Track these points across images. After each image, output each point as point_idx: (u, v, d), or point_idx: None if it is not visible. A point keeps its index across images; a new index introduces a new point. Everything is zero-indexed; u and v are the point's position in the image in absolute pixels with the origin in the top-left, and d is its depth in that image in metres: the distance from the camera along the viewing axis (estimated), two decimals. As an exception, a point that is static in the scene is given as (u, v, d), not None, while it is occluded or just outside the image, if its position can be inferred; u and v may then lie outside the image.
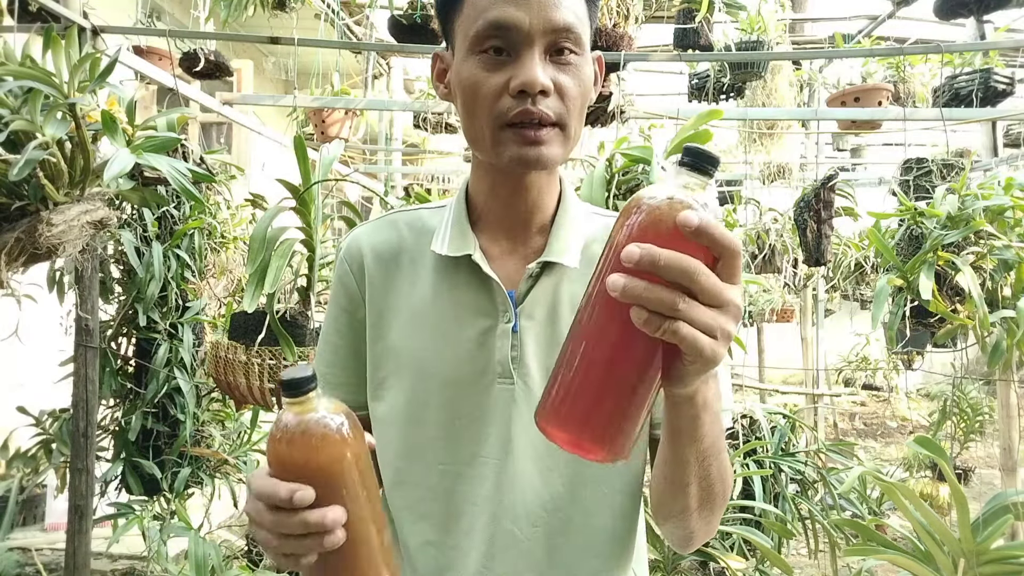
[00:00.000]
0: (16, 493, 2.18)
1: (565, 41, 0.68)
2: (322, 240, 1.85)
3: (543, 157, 0.69)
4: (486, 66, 0.68)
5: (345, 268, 0.82)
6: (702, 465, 0.64)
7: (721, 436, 0.64)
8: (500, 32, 0.67)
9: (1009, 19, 3.40)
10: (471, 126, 0.71)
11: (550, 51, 0.68)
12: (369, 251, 0.81)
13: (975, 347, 2.11)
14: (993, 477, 4.60)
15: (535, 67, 0.66)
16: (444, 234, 0.77)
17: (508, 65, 0.67)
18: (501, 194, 0.77)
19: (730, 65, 3.32)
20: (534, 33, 0.66)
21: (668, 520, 0.72)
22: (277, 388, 1.71)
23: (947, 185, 2.17)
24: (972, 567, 1.35)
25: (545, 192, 0.78)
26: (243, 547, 2.56)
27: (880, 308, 1.96)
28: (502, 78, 0.67)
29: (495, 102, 0.68)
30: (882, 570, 3.01)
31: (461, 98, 0.71)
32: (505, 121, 0.68)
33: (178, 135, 1.69)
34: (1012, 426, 2.31)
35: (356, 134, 4.10)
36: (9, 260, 1.35)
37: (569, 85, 0.68)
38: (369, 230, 0.83)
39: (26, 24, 1.86)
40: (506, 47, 0.67)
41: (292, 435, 0.54)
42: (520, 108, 0.66)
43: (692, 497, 0.66)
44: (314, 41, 2.68)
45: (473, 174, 0.80)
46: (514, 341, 0.74)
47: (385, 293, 0.80)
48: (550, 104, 0.67)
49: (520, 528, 0.73)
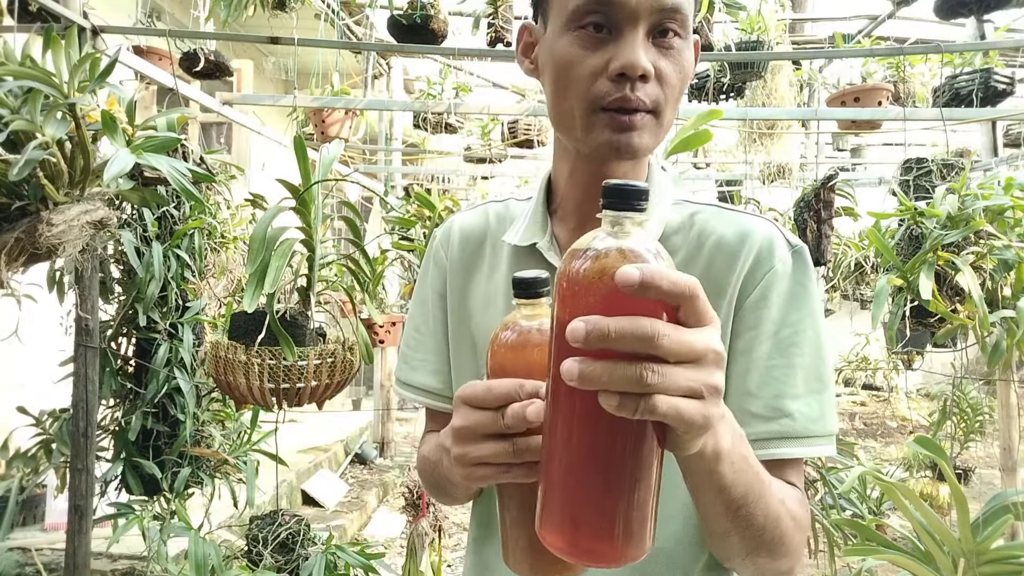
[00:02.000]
0: (16, 493, 2.18)
1: (671, 22, 0.62)
2: (322, 240, 1.85)
3: (634, 145, 0.63)
4: (584, 44, 0.63)
5: (440, 253, 0.82)
6: (738, 515, 0.56)
7: (757, 480, 0.55)
8: (603, 7, 0.61)
9: (1009, 19, 3.40)
10: (560, 107, 0.66)
11: (653, 32, 0.62)
12: (459, 235, 0.81)
13: (975, 347, 2.11)
14: (993, 477, 4.60)
15: (638, 49, 0.61)
16: (520, 223, 0.76)
17: (608, 44, 0.62)
18: (580, 180, 0.72)
19: (730, 65, 3.32)
20: (640, 11, 0.61)
21: (726, 562, 0.65)
22: (278, 389, 1.71)
23: (947, 185, 2.16)
24: (972, 567, 1.35)
25: (631, 177, 0.71)
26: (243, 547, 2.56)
27: (880, 308, 1.96)
28: (601, 59, 0.62)
29: (591, 84, 0.63)
30: (882, 570, 3.01)
31: (551, 76, 0.66)
32: (600, 105, 0.63)
33: (178, 135, 1.69)
34: (1012, 426, 2.31)
35: (356, 134, 4.10)
36: (9, 260, 1.35)
37: (670, 72, 0.63)
38: (463, 216, 0.83)
39: (26, 24, 1.86)
40: (607, 24, 0.62)
41: (527, 338, 0.49)
42: (618, 94, 0.61)
43: (734, 546, 0.59)
44: (314, 41, 2.68)
45: (555, 159, 0.76)
46: None
47: (467, 278, 0.80)
48: (649, 91, 0.62)
49: None
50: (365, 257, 1.87)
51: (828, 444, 0.67)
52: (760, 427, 0.65)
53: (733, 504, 0.54)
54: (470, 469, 0.52)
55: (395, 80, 6.06)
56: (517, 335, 0.50)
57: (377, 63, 5.53)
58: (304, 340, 1.73)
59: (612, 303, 0.40)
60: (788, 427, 0.65)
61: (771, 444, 0.65)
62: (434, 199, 2.71)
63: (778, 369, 0.66)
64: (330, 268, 2.09)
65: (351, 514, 4.11)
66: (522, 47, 0.73)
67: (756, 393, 0.66)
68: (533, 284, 0.50)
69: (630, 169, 0.72)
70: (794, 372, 0.66)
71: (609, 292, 0.40)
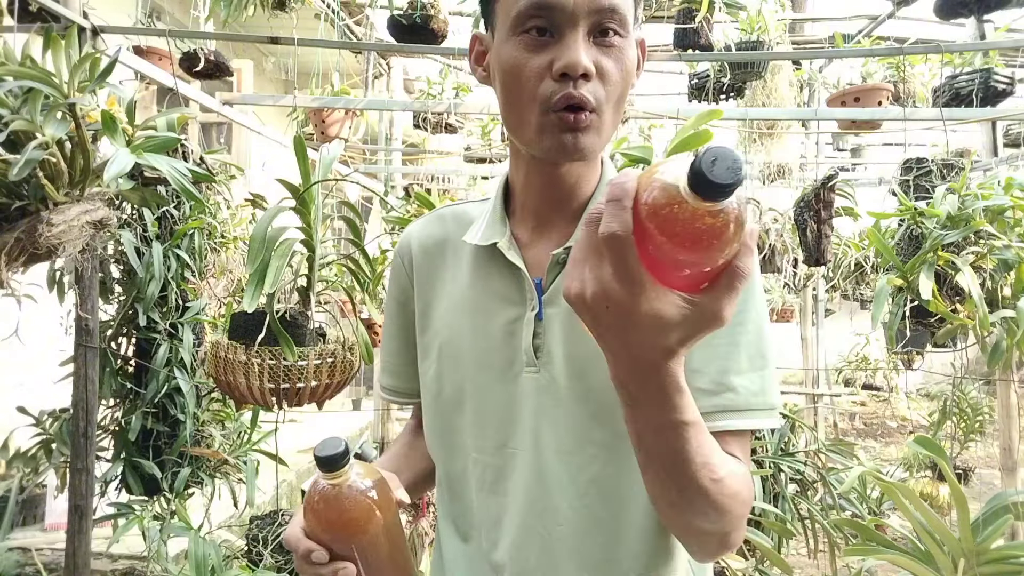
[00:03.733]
0: (16, 493, 2.18)
1: (610, 22, 0.65)
2: (322, 240, 1.85)
3: (581, 145, 0.66)
4: (528, 47, 0.66)
5: (398, 262, 0.87)
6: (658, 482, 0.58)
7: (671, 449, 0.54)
8: (543, 11, 0.65)
9: (1009, 19, 3.39)
10: (511, 111, 0.69)
11: (594, 32, 0.66)
12: (417, 245, 0.84)
13: (975, 347, 2.11)
14: (993, 477, 4.60)
15: (579, 49, 0.64)
16: (480, 225, 0.79)
17: (551, 46, 0.65)
18: (535, 183, 0.75)
19: (730, 65, 3.32)
20: (578, 13, 0.64)
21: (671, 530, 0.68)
22: (278, 389, 1.71)
23: (947, 185, 2.16)
24: (972, 567, 1.35)
25: (584, 180, 0.76)
26: (243, 547, 2.56)
27: (880, 308, 1.96)
28: (544, 59, 0.65)
29: (537, 85, 0.66)
30: (882, 570, 3.01)
31: (501, 81, 0.69)
32: (548, 107, 0.65)
33: (178, 135, 1.69)
34: (1012, 426, 2.31)
35: (356, 134, 4.10)
36: (9, 260, 1.35)
37: (611, 69, 0.66)
38: (418, 226, 0.87)
39: (26, 24, 1.86)
40: (549, 27, 0.65)
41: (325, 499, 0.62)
42: (563, 92, 0.64)
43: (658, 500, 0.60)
44: (314, 41, 2.67)
45: (511, 163, 0.79)
46: (538, 329, 0.73)
47: (431, 284, 0.82)
48: (591, 88, 0.65)
49: (545, 524, 0.72)
50: (365, 257, 1.87)
51: (770, 417, 0.70)
52: (705, 401, 0.67)
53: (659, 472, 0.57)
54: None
55: (395, 80, 6.06)
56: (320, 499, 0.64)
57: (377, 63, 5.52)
58: (304, 340, 1.73)
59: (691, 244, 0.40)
60: (731, 401, 0.68)
61: (716, 417, 0.67)
62: (434, 199, 2.70)
63: (723, 347, 0.69)
64: (330, 268, 2.09)
65: (351, 514, 4.10)
66: (474, 56, 0.76)
67: (702, 369, 0.69)
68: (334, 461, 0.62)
69: (584, 170, 0.75)
70: (738, 350, 0.69)
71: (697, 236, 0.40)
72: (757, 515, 1.95)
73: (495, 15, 0.70)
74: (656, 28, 3.75)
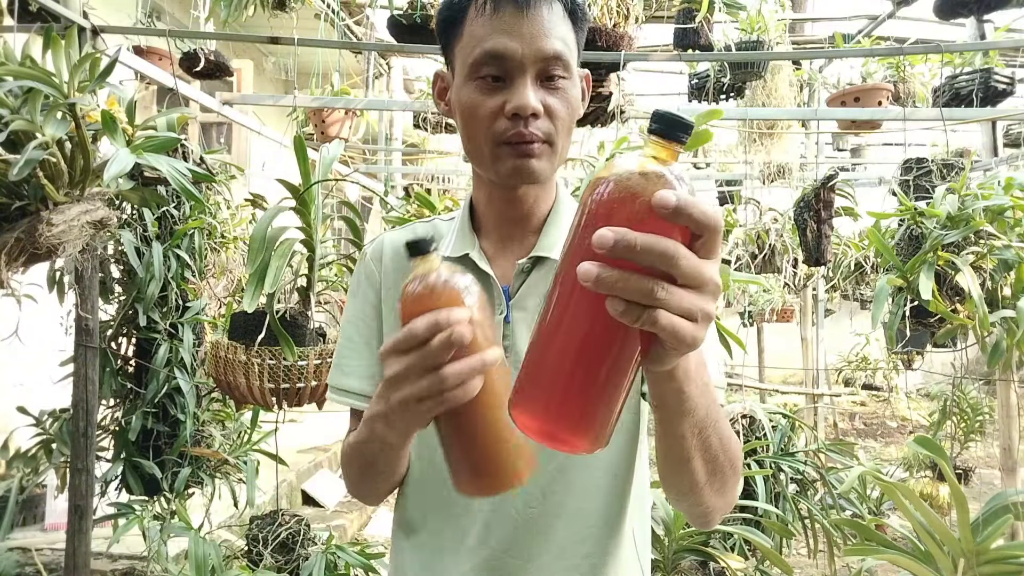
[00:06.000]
0: (16, 493, 2.18)
1: (555, 68, 0.74)
2: (322, 240, 1.85)
3: (533, 168, 0.75)
4: (483, 91, 0.74)
5: (370, 264, 0.90)
6: (700, 437, 0.63)
7: (714, 405, 0.63)
8: (495, 61, 0.73)
9: (1009, 19, 3.39)
10: (470, 144, 0.78)
11: (541, 77, 0.74)
12: (390, 250, 0.89)
13: (975, 347, 2.11)
14: (993, 477, 4.60)
15: (527, 93, 0.72)
16: (450, 239, 0.86)
17: (503, 90, 0.74)
18: (497, 204, 0.84)
19: (730, 65, 3.31)
20: (526, 62, 0.73)
21: (681, 499, 0.72)
22: (278, 388, 1.71)
23: (947, 185, 2.16)
24: (972, 567, 1.35)
25: (541, 200, 0.84)
26: (243, 547, 2.56)
27: (880, 308, 1.96)
28: (498, 101, 0.74)
29: (492, 123, 0.74)
30: (882, 570, 3.01)
31: (461, 118, 0.78)
32: (502, 140, 0.74)
33: (178, 135, 1.69)
34: (1012, 426, 2.31)
35: (356, 134, 4.10)
36: (9, 260, 1.35)
37: (558, 107, 0.75)
38: (392, 234, 0.92)
39: (26, 24, 1.86)
40: (501, 74, 0.74)
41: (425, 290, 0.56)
42: (515, 130, 0.73)
43: (698, 472, 0.66)
44: (314, 41, 2.67)
45: (474, 185, 0.88)
46: (506, 331, 0.80)
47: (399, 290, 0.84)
48: (540, 125, 0.74)
49: (517, 509, 0.79)
50: (365, 257, 1.87)
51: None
52: None
53: (695, 426, 0.61)
54: (412, 408, 0.56)
55: (395, 80, 6.06)
56: (422, 286, 0.56)
57: (377, 63, 5.53)
58: (304, 340, 1.74)
59: (640, 220, 0.44)
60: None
61: None
62: (434, 199, 2.70)
63: None
64: (330, 268, 2.09)
65: (351, 514, 4.11)
66: (437, 91, 0.85)
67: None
68: (420, 244, 0.58)
69: (540, 192, 0.83)
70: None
71: (640, 210, 0.44)
72: (757, 515, 1.95)
73: (455, 57, 0.78)
74: (656, 28, 3.75)
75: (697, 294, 0.45)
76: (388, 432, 0.63)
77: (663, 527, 1.84)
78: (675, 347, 0.46)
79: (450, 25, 0.78)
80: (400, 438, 0.65)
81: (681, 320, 0.45)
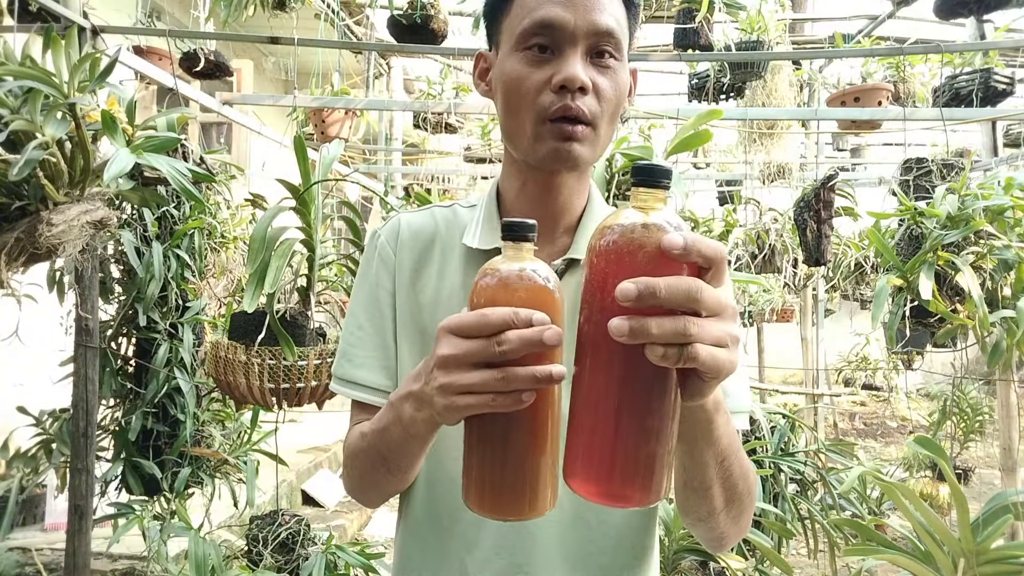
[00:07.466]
0: (16, 493, 2.18)
1: (606, 44, 0.70)
2: (322, 240, 1.85)
3: (575, 154, 0.70)
4: (530, 62, 0.70)
5: (385, 247, 0.83)
6: (722, 466, 0.64)
7: (735, 434, 0.64)
8: (546, 30, 0.69)
9: (1009, 19, 3.39)
10: (511, 120, 0.73)
11: (591, 53, 0.70)
12: (408, 233, 0.83)
13: (975, 347, 2.11)
14: (993, 477, 4.60)
15: (576, 64, 0.69)
16: (475, 229, 0.80)
17: (551, 62, 0.70)
18: (531, 193, 0.78)
19: (730, 65, 3.32)
20: (578, 33, 0.69)
21: (698, 523, 0.72)
22: (278, 388, 1.71)
23: (947, 185, 2.16)
24: (972, 567, 1.35)
25: (575, 193, 0.79)
26: (243, 547, 2.56)
27: (880, 308, 1.96)
28: (545, 74, 0.70)
29: (536, 96, 0.70)
30: (882, 570, 3.01)
31: (503, 92, 0.73)
32: (546, 116, 0.70)
33: (178, 135, 1.69)
34: (1012, 426, 2.31)
35: (356, 134, 4.10)
36: (9, 260, 1.35)
37: (606, 87, 0.71)
38: (410, 216, 0.86)
39: (26, 24, 1.86)
40: (550, 45, 0.70)
41: (514, 279, 0.51)
42: (560, 103, 0.69)
43: (717, 499, 0.66)
44: (314, 41, 2.68)
45: (504, 172, 0.82)
46: None
47: (416, 275, 0.82)
48: (587, 103, 0.69)
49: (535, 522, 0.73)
50: (365, 257, 1.87)
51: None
52: None
53: (719, 455, 0.62)
54: (453, 399, 0.52)
55: (395, 80, 6.06)
56: (505, 276, 0.52)
57: (377, 63, 5.53)
58: (304, 340, 1.74)
59: (651, 267, 0.46)
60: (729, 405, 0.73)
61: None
62: (434, 199, 2.71)
63: None
64: (330, 268, 2.09)
65: (351, 514, 4.11)
66: (478, 72, 0.81)
67: None
68: (521, 227, 0.53)
69: (575, 182, 0.79)
70: None
71: (649, 257, 0.46)
72: (757, 515, 1.95)
73: (501, 33, 0.75)
74: (656, 28, 3.75)
75: (722, 321, 0.47)
76: (416, 417, 0.59)
77: (663, 527, 1.84)
78: (715, 376, 0.47)
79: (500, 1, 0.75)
80: (427, 427, 0.60)
81: (716, 349, 0.46)
